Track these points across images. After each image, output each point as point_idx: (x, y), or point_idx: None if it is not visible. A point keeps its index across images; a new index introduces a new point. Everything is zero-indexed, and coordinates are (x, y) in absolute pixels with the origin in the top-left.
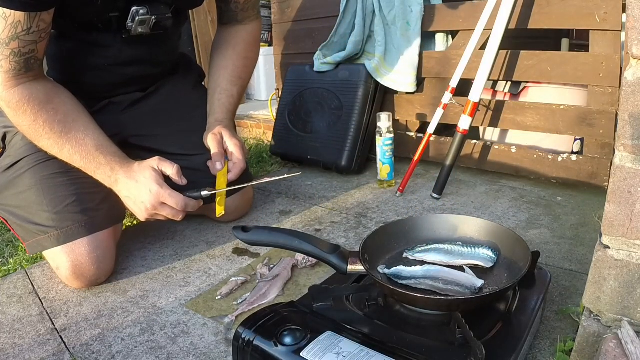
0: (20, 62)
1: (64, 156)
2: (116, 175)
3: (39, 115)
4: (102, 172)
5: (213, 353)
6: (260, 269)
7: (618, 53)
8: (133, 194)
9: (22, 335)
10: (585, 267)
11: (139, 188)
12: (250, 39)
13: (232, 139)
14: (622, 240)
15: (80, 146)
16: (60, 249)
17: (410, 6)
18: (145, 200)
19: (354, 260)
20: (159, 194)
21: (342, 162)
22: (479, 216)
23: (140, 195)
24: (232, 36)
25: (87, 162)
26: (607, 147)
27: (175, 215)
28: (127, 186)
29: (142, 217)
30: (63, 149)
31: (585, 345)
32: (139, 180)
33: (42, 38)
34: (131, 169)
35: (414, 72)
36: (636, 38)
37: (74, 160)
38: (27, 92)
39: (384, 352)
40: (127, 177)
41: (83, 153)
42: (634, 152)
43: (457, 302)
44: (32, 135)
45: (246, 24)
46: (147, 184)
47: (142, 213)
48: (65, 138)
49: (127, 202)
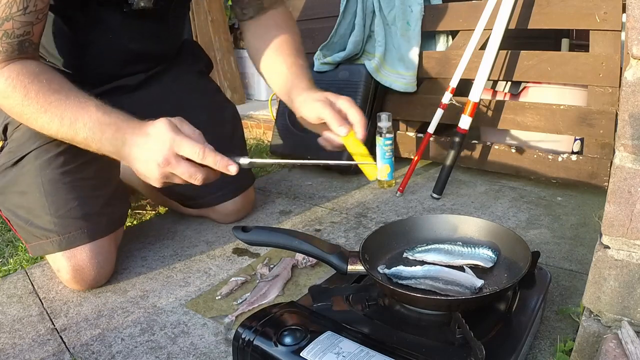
0: (14, 44)
1: (65, 129)
2: (123, 135)
3: (30, 88)
4: (108, 136)
5: (213, 353)
6: (260, 269)
7: (618, 53)
8: (143, 152)
9: (22, 335)
10: (585, 267)
11: (149, 141)
12: (287, 18)
13: (340, 97)
14: (622, 240)
15: (82, 110)
16: (61, 253)
17: (410, 6)
18: (157, 155)
19: (354, 260)
20: (173, 141)
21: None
22: (479, 216)
23: (151, 150)
24: (267, 22)
25: (91, 128)
26: (607, 147)
27: (194, 173)
28: (135, 143)
29: (156, 181)
30: (64, 119)
31: (585, 345)
32: (150, 133)
33: (38, 20)
34: (141, 124)
35: (414, 72)
36: (636, 38)
37: (77, 129)
38: (16, 67)
39: (384, 352)
40: (136, 133)
41: (86, 118)
42: (634, 152)
43: (457, 302)
44: (26, 115)
45: (275, 8)
46: (159, 134)
47: (155, 174)
48: (64, 105)
49: (137, 167)
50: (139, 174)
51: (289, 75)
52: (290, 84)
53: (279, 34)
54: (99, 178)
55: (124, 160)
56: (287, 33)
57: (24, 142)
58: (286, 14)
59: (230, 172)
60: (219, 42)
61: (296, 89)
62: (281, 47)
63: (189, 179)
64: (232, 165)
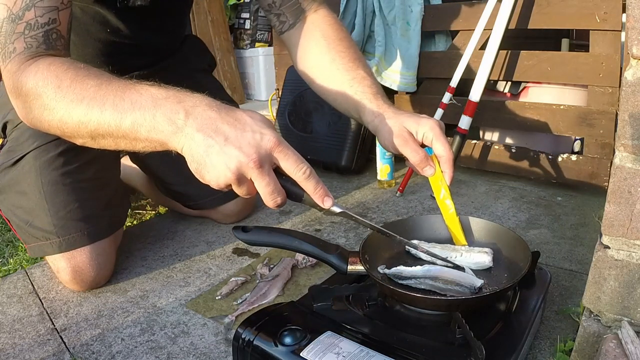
0: (39, 37)
1: (107, 116)
2: (191, 108)
3: (63, 77)
4: (165, 110)
5: (213, 353)
6: (260, 269)
7: (618, 53)
8: (227, 138)
9: (22, 335)
10: (585, 267)
11: (241, 127)
12: (332, 20)
13: (421, 123)
14: (622, 240)
15: (129, 89)
16: (61, 255)
17: (410, 6)
18: (248, 150)
19: (354, 260)
20: (278, 145)
21: (342, 162)
22: (479, 216)
23: (241, 140)
24: (310, 29)
25: (141, 106)
26: (607, 147)
27: (277, 193)
28: (211, 122)
29: (223, 179)
30: (105, 104)
31: (585, 345)
32: (243, 120)
33: (64, 5)
34: (221, 103)
35: (414, 72)
36: (636, 38)
37: (123, 113)
38: (47, 60)
39: (384, 352)
40: (214, 109)
41: (134, 95)
42: (634, 152)
43: (457, 302)
44: (59, 112)
45: (316, 10)
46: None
47: (230, 171)
48: (106, 88)
49: (203, 154)
50: (199, 163)
51: (353, 96)
52: (357, 106)
53: (328, 44)
54: (100, 179)
55: (181, 145)
56: (338, 39)
57: (23, 142)
58: (329, 16)
59: (323, 205)
60: (219, 42)
61: (366, 113)
62: (335, 59)
63: (267, 196)
64: (329, 198)
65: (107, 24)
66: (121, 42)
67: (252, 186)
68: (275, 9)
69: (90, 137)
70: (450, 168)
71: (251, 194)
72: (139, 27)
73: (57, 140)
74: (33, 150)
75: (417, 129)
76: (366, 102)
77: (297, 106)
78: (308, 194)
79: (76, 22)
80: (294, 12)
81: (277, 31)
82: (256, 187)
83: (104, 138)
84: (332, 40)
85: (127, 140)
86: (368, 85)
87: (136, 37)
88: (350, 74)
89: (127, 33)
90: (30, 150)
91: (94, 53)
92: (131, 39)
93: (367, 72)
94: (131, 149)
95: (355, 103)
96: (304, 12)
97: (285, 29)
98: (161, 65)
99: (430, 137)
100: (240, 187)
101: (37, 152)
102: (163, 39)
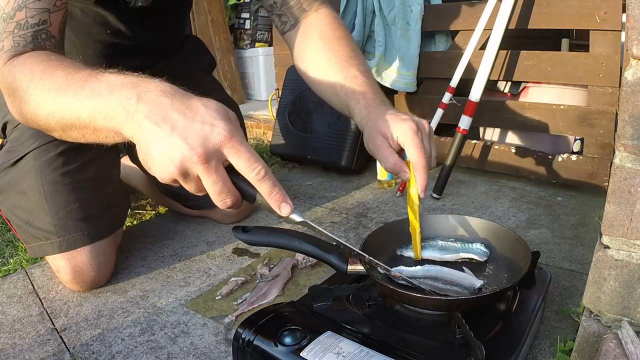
0: (27, 36)
1: (69, 106)
2: (143, 93)
3: (35, 70)
4: (119, 97)
5: (213, 353)
6: (260, 269)
7: (618, 53)
8: (173, 127)
9: (22, 335)
10: (585, 267)
11: (191, 116)
12: (332, 20)
13: (395, 127)
14: (622, 240)
15: (92, 78)
16: (61, 255)
17: (410, 6)
18: (194, 141)
19: (354, 260)
20: (229, 138)
21: (342, 162)
22: (479, 216)
23: (188, 130)
24: (310, 30)
25: (98, 93)
26: (607, 147)
27: (226, 192)
28: (160, 108)
29: (167, 173)
30: (67, 92)
31: (585, 345)
32: (196, 108)
33: (57, 7)
34: (179, 89)
35: (414, 72)
36: (636, 38)
37: (83, 101)
38: (27, 55)
39: (384, 352)
40: (167, 95)
41: (94, 83)
42: (634, 152)
43: (457, 302)
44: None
45: (318, 10)
46: (212, 116)
47: (173, 164)
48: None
49: (149, 142)
50: (145, 153)
51: (344, 97)
52: (348, 107)
53: (324, 43)
54: (100, 179)
55: (132, 133)
56: (334, 38)
57: (22, 142)
58: (330, 15)
59: (281, 213)
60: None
61: (355, 114)
62: (330, 59)
63: (215, 196)
64: (286, 205)
65: (108, 25)
66: (121, 43)
67: (200, 183)
68: (277, 9)
69: (60, 129)
70: (421, 175)
71: (201, 192)
72: (139, 27)
73: (57, 140)
74: (33, 150)
75: (390, 133)
76: (354, 103)
77: (297, 106)
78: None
79: (76, 23)
80: (295, 12)
81: (279, 31)
82: (203, 184)
83: (71, 130)
84: (328, 39)
85: (89, 130)
86: (358, 85)
87: (136, 37)
88: (343, 73)
89: (127, 34)
90: (30, 151)
91: (94, 54)
92: (131, 39)
93: (360, 70)
94: (96, 140)
95: (346, 104)
96: (305, 12)
97: (287, 29)
98: (161, 65)
99: (403, 141)
100: (187, 183)
101: (37, 152)
102: (163, 40)
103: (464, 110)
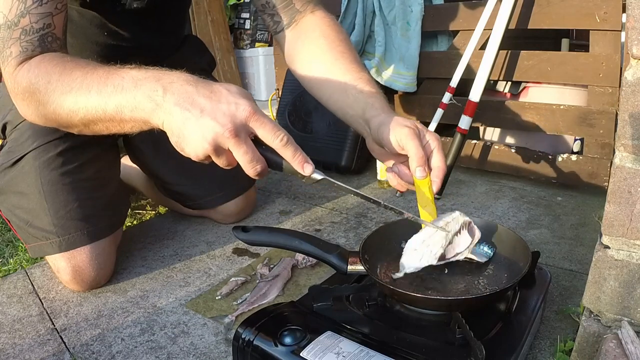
0: (34, 41)
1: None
2: (168, 84)
3: (52, 72)
4: (144, 90)
5: (213, 353)
6: (260, 269)
7: (618, 53)
8: (203, 108)
9: (22, 335)
10: (585, 267)
11: (217, 98)
12: (330, 21)
13: (429, 131)
14: (622, 240)
15: (112, 74)
16: (61, 254)
17: (410, 6)
18: (224, 119)
19: (354, 260)
20: (253, 113)
21: (342, 162)
22: (479, 216)
23: (216, 110)
24: (308, 30)
25: (123, 88)
26: (607, 147)
27: (257, 160)
28: (188, 94)
29: (202, 151)
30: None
31: (585, 345)
32: (219, 90)
33: (58, 10)
34: (198, 78)
35: (414, 72)
36: (636, 38)
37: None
38: (38, 58)
39: (384, 352)
40: (191, 83)
41: (116, 80)
42: (634, 152)
43: (457, 302)
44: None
45: (313, 11)
46: (235, 95)
47: (206, 142)
48: (91, 76)
49: (182, 126)
50: (178, 137)
51: (359, 94)
52: (363, 104)
53: (329, 43)
54: (99, 179)
55: (161, 121)
56: (338, 40)
57: (22, 142)
58: (328, 17)
59: (304, 172)
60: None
61: (372, 109)
62: (337, 60)
63: (246, 165)
64: (308, 165)
65: (105, 26)
66: (119, 44)
67: (231, 156)
68: (269, 9)
69: (82, 124)
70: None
71: (231, 165)
72: (137, 28)
73: (56, 140)
74: (32, 150)
75: (424, 132)
76: (372, 101)
77: (297, 106)
78: (287, 161)
79: (74, 25)
80: (287, 13)
81: (272, 31)
82: (235, 156)
83: (95, 124)
84: (332, 40)
85: (115, 122)
86: (373, 89)
87: (135, 38)
88: (353, 75)
89: (125, 35)
90: (29, 151)
91: (92, 56)
92: (130, 40)
93: (368, 75)
94: (121, 131)
95: (363, 103)
96: (299, 13)
97: (279, 29)
98: (161, 65)
99: (434, 145)
100: (219, 158)
101: (36, 152)
102: (162, 40)
103: (464, 110)
